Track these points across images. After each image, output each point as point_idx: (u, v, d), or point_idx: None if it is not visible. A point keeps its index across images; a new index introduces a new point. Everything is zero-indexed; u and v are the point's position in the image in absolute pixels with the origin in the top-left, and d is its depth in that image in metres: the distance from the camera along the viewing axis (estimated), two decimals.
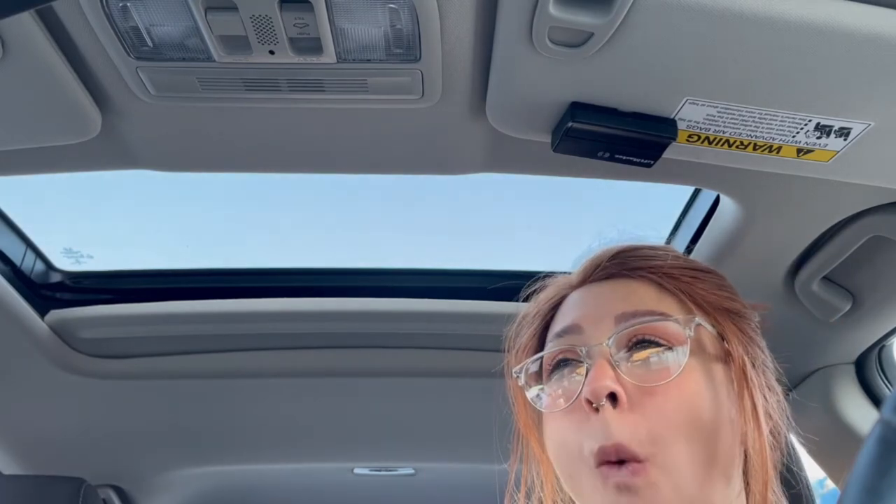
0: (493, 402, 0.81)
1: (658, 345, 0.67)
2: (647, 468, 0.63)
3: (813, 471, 1.26)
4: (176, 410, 1.50)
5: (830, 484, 1.29)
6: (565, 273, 0.81)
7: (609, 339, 0.68)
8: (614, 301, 0.71)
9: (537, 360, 0.74)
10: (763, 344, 0.75)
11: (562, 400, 0.69)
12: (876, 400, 1.20)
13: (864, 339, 1.16)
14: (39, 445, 1.55)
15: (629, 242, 0.78)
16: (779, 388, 0.74)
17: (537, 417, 0.76)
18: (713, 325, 0.70)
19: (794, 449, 1.26)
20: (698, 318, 0.68)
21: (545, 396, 0.73)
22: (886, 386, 1.20)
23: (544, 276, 0.82)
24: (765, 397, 0.70)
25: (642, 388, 0.65)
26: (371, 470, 1.86)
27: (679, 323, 0.68)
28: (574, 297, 0.76)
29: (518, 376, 0.75)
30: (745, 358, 0.69)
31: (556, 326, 0.75)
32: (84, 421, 1.50)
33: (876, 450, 0.32)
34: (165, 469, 1.70)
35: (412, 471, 1.87)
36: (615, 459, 0.64)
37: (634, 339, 0.68)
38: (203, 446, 1.64)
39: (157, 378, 1.40)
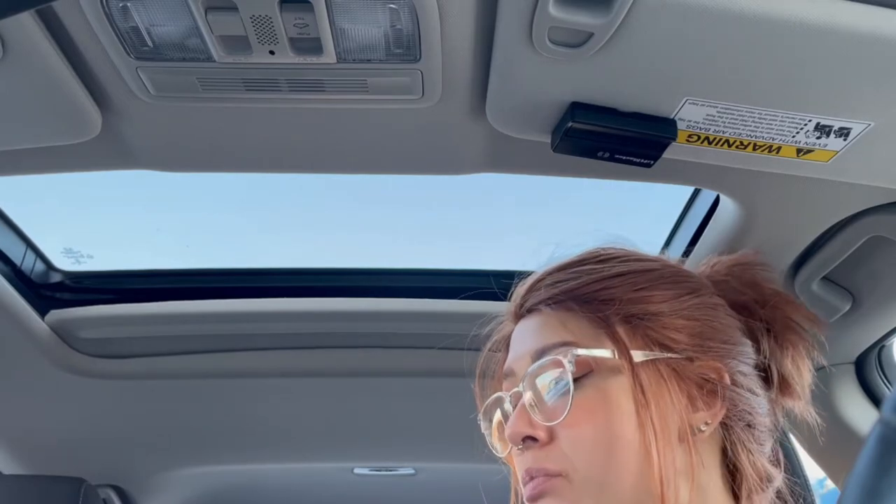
0: None
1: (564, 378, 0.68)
2: (555, 480, 0.66)
3: (813, 471, 1.26)
4: (176, 410, 1.50)
5: (830, 484, 1.29)
6: None
7: (521, 383, 0.70)
8: (531, 338, 0.73)
9: (487, 413, 0.78)
10: (716, 324, 0.71)
11: (501, 445, 0.76)
12: (876, 400, 1.20)
13: (863, 339, 1.16)
14: (39, 445, 1.55)
15: (563, 259, 0.77)
16: (750, 373, 0.72)
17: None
18: (611, 341, 0.68)
19: (794, 449, 1.26)
20: (578, 350, 0.67)
21: (495, 442, 0.78)
22: (886, 386, 1.20)
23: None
24: (694, 392, 0.68)
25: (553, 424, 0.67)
26: (371, 470, 1.86)
27: (562, 356, 0.68)
28: (512, 336, 0.77)
29: (481, 425, 0.80)
30: (640, 367, 0.67)
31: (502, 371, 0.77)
32: (84, 421, 1.50)
33: (876, 450, 0.32)
34: (165, 469, 1.70)
35: (412, 471, 1.87)
36: (528, 480, 0.68)
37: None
38: (203, 446, 1.64)
39: (157, 378, 1.40)
